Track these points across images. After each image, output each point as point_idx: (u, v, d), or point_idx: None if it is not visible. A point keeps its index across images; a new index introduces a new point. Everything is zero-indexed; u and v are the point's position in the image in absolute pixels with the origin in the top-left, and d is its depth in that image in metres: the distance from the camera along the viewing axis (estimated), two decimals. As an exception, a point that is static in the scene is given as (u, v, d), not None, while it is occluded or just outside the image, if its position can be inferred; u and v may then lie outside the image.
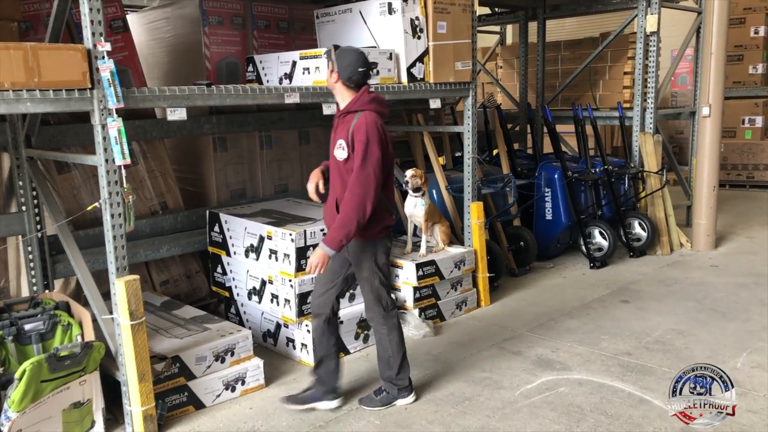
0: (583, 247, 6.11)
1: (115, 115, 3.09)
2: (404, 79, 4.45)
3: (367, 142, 3.15)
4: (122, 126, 3.10)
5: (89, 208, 3.16)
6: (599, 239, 6.10)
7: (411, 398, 3.57)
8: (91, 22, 2.99)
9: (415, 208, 4.84)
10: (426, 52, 4.53)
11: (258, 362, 3.79)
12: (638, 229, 6.37)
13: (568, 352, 4.20)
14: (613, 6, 6.86)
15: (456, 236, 5.36)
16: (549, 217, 6.17)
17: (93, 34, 3.00)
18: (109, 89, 3.04)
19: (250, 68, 4.63)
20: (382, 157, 3.20)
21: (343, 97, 3.31)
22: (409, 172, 4.79)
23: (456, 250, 4.92)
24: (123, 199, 3.18)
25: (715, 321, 4.65)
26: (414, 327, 4.50)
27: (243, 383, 3.72)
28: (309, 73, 4.15)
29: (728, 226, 7.43)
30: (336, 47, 3.31)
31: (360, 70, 3.25)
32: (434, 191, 5.54)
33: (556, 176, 6.09)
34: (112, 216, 3.14)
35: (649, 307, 4.99)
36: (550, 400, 3.57)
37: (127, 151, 3.13)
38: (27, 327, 3.35)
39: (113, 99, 3.06)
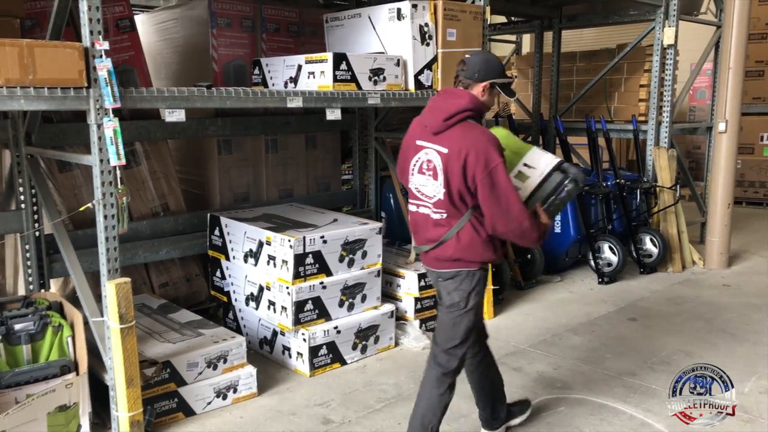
0: (592, 262, 5.98)
1: (111, 115, 3.04)
2: (411, 86, 4.38)
3: None
4: (118, 126, 3.05)
5: (82, 209, 3.11)
6: (609, 254, 5.97)
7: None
8: (90, 20, 2.94)
9: (419, 217, 4.75)
10: (435, 60, 4.46)
11: (251, 370, 3.72)
12: (649, 245, 6.23)
13: (570, 370, 4.08)
14: (630, 18, 6.73)
15: (461, 247, 5.25)
16: (558, 230, 6.06)
17: (91, 32, 2.96)
18: (106, 89, 2.99)
19: (257, 71, 4.58)
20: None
21: None
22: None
23: (460, 262, 4.82)
24: (117, 200, 3.13)
25: (725, 343, 4.51)
26: (414, 338, 4.41)
27: (235, 391, 3.65)
28: (314, 77, 4.09)
29: (743, 244, 7.26)
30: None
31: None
32: (440, 200, 5.44)
33: (566, 189, 5.97)
34: (105, 217, 3.10)
35: (656, 325, 4.86)
36: (548, 420, 3.46)
37: (122, 152, 3.07)
38: (17, 327, 3.30)
39: (110, 98, 3.00)
